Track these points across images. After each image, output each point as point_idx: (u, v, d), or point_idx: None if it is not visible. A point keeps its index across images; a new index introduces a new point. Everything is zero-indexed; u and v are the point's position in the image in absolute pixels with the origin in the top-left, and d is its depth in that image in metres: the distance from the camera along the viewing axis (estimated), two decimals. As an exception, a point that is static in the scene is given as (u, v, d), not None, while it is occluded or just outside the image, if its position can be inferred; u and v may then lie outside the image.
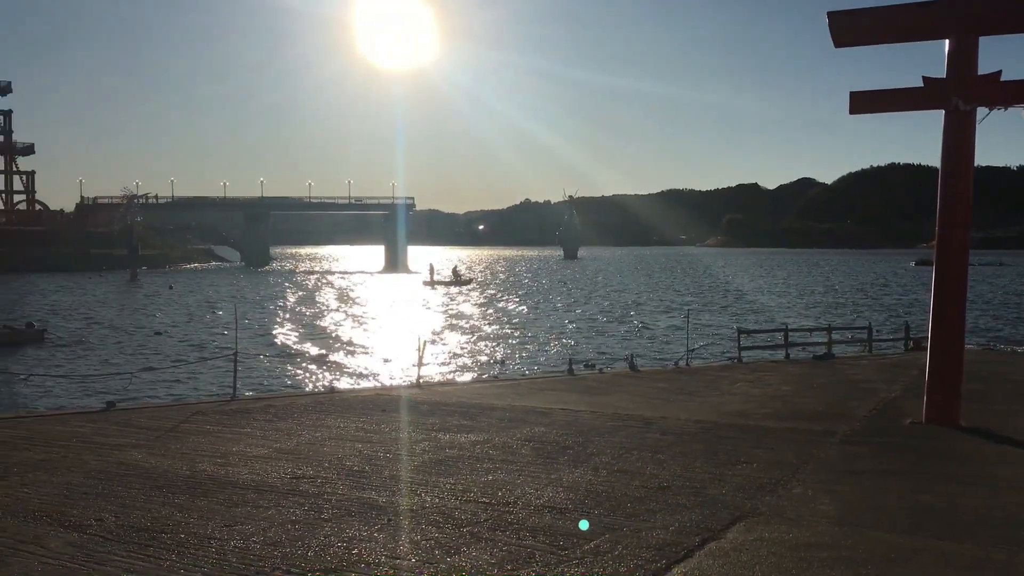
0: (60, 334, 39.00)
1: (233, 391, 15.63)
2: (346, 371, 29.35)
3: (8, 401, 22.15)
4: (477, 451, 10.32)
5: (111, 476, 8.89)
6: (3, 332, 34.31)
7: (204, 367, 27.44)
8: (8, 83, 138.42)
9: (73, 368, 29.04)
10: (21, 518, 7.37)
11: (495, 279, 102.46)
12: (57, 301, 62.02)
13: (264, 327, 43.72)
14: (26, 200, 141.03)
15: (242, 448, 10.38)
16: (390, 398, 14.73)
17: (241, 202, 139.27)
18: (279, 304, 60.14)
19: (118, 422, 12.22)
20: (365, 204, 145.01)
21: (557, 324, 46.88)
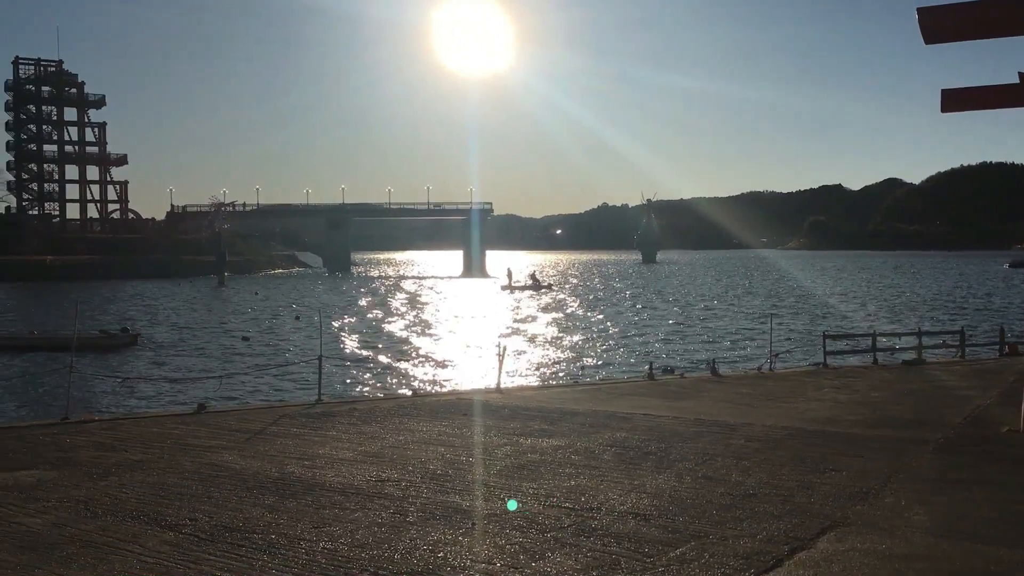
0: (152, 338, 40.28)
1: (318, 394, 15.91)
2: (427, 375, 29.64)
3: (106, 404, 22.97)
4: (559, 456, 10.31)
5: (204, 477, 9.15)
6: (99, 337, 35.61)
7: (289, 371, 28.03)
8: (102, 96, 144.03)
9: (165, 372, 29.98)
10: (120, 517, 7.64)
11: (573, 284, 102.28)
12: (149, 306, 64.14)
13: (346, 331, 44.45)
14: (120, 209, 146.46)
15: (328, 451, 10.57)
16: (471, 402, 14.82)
17: (323, 209, 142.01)
18: (361, 309, 61.10)
19: (209, 424, 12.57)
20: (444, 210, 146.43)
21: (636, 328, 46.56)
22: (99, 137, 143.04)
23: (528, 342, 39.62)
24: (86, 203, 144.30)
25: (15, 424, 13.97)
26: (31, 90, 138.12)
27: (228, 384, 26.07)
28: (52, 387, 25.31)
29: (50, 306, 65.15)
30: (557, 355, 35.34)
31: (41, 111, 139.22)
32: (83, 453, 10.36)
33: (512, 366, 28.74)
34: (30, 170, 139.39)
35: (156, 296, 76.23)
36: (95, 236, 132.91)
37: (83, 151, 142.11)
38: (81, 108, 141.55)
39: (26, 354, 34.36)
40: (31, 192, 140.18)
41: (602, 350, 37.04)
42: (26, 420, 15.30)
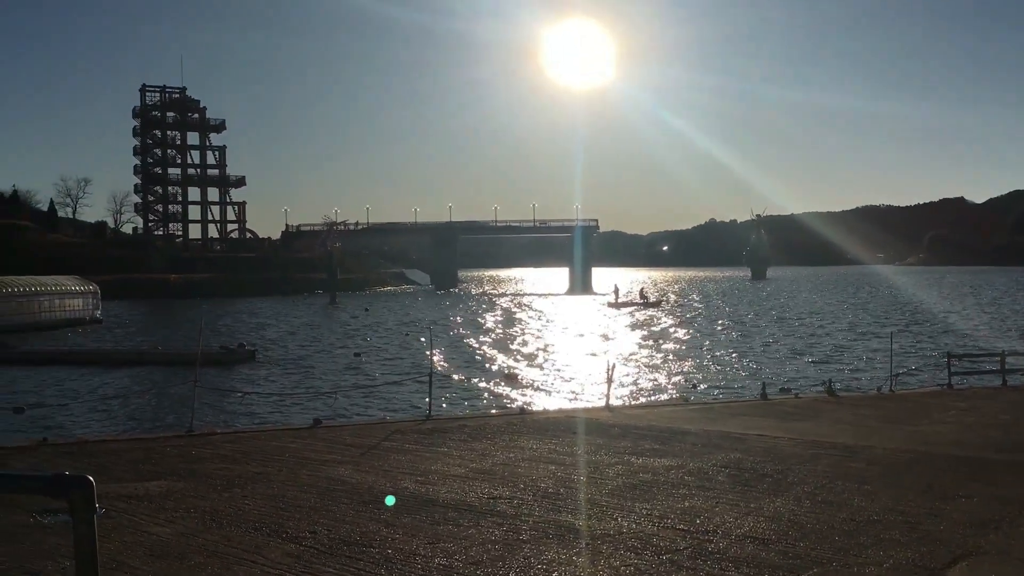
0: (268, 354, 41.59)
1: (428, 411, 16.11)
2: (535, 392, 29.68)
3: (226, 417, 23.79)
4: (672, 476, 10.15)
5: (321, 491, 9.37)
6: (219, 352, 36.97)
7: (399, 386, 28.49)
8: (222, 121, 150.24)
9: (281, 387, 30.90)
10: (244, 528, 7.89)
11: (681, 300, 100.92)
12: (265, 323, 66.32)
13: (454, 348, 44.95)
14: (238, 229, 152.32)
15: (440, 467, 10.68)
16: (580, 420, 14.75)
17: (431, 227, 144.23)
18: (468, 326, 61.71)
19: (325, 439, 12.87)
20: (549, 227, 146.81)
21: (747, 346, 45.58)
22: (219, 160, 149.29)
23: (636, 359, 39.25)
24: (207, 223, 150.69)
25: (144, 436, 14.61)
26: (157, 116, 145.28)
27: (341, 399, 26.66)
28: (177, 400, 26.40)
29: (173, 323, 68.13)
30: (666, 373, 34.89)
31: (166, 136, 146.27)
32: (208, 465, 10.74)
33: (620, 384, 28.50)
34: (155, 192, 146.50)
35: (271, 313, 78.75)
36: (215, 255, 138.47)
37: (204, 173, 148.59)
38: (203, 132, 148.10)
39: (152, 368, 35.97)
40: (156, 213, 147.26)
41: (712, 368, 36.38)
42: (154, 432, 15.99)
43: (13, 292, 58.97)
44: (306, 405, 25.71)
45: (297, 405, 25.97)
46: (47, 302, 62.13)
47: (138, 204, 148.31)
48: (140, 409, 26.74)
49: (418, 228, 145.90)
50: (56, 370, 36.27)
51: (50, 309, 62.00)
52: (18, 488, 2.53)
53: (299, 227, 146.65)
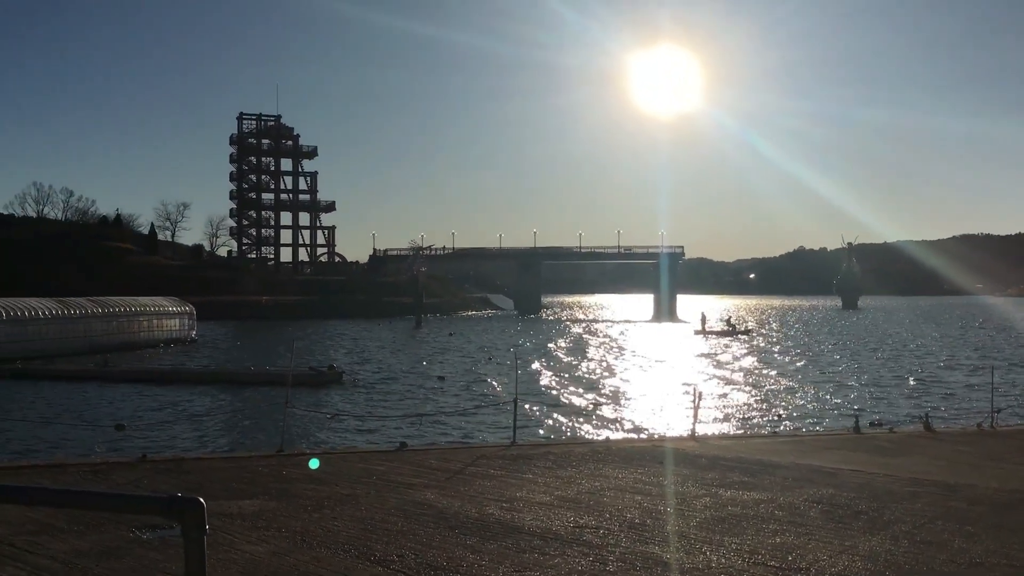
0: (355, 376, 42.25)
1: (513, 436, 16.11)
2: (620, 420, 29.42)
3: (315, 438, 24.23)
4: (761, 510, 9.94)
5: (408, 514, 9.45)
6: (308, 374, 37.72)
7: (484, 412, 28.61)
8: (314, 148, 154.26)
9: (367, 409, 31.32)
10: (333, 549, 8.01)
11: (769, 329, 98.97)
12: (352, 345, 67.46)
13: (538, 373, 44.92)
14: (327, 252, 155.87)
15: (525, 494, 10.67)
16: (666, 450, 14.56)
17: (515, 252, 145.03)
18: (551, 351, 61.66)
19: (411, 462, 12.99)
20: (633, 253, 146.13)
21: (837, 377, 44.38)
22: (311, 185, 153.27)
23: (723, 389, 38.59)
24: (297, 247, 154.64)
25: (237, 455, 14.98)
26: (253, 143, 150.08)
27: (425, 422, 26.89)
28: (268, 420, 27.03)
29: (264, 343, 69.84)
30: (754, 403, 34.21)
31: (260, 162, 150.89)
32: (298, 485, 10.95)
33: (707, 413, 28.05)
34: (249, 216, 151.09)
35: (359, 335, 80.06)
36: (304, 278, 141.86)
37: (296, 198, 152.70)
38: (296, 159, 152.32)
39: (245, 388, 36.91)
40: (250, 237, 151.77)
41: (801, 400, 35.54)
42: (246, 451, 16.38)
43: (115, 312, 61.34)
44: (391, 428, 26.01)
45: (383, 427, 26.30)
46: (146, 322, 64.44)
47: (233, 228, 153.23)
48: (233, 428, 27.45)
49: (503, 253, 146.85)
50: (154, 388, 37.54)
51: (149, 329, 64.28)
52: (134, 508, 2.64)
53: (386, 251, 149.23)
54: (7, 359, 44.57)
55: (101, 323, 59.28)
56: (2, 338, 49.87)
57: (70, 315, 56.66)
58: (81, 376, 41.64)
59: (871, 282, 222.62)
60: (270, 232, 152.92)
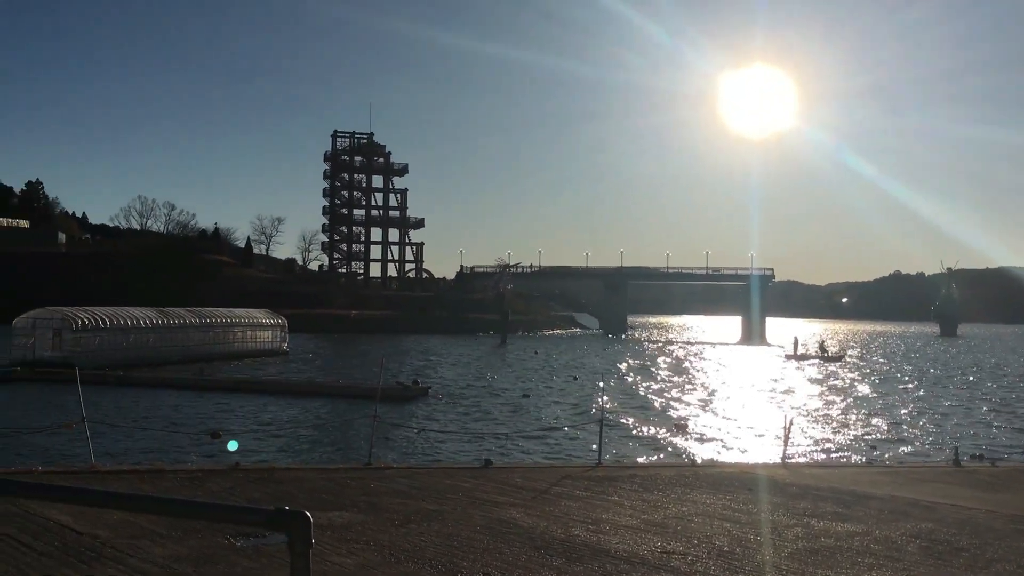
0: (440, 391, 42.61)
1: (598, 457, 16.01)
2: (707, 444, 28.94)
3: (401, 452, 24.49)
4: (856, 543, 9.63)
5: (494, 532, 9.46)
6: (395, 388, 38.20)
7: (568, 431, 28.51)
8: (405, 165, 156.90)
9: (452, 425, 31.54)
10: (421, 564, 8.06)
11: (864, 355, 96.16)
12: (438, 361, 68.08)
13: (623, 394, 44.57)
14: (415, 268, 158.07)
15: (612, 516, 10.57)
16: (755, 476, 14.27)
17: (601, 272, 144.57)
18: (637, 371, 61.10)
19: (496, 480, 13.01)
20: (722, 275, 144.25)
21: (936, 407, 42.81)
22: (401, 202, 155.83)
23: (814, 416, 37.61)
24: (386, 262, 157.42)
25: (326, 466, 15.25)
26: (346, 160, 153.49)
27: (510, 440, 26.92)
28: (355, 433, 27.47)
29: (352, 356, 71.05)
30: (847, 432, 33.23)
31: (353, 179, 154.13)
32: (385, 499, 11.07)
33: (797, 440, 27.37)
34: (341, 232, 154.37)
35: (444, 351, 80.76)
36: (392, 293, 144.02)
37: (387, 215, 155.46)
38: (387, 176, 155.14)
39: (334, 400, 37.61)
40: (340, 252, 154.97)
41: (896, 429, 34.38)
42: (334, 463, 16.67)
43: (212, 323, 63.29)
44: (476, 444, 26.13)
45: (467, 443, 26.43)
46: (241, 333, 66.29)
47: (324, 243, 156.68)
48: (322, 439, 27.96)
49: (589, 273, 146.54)
50: (247, 397, 38.55)
51: (243, 340, 66.10)
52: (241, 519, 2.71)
53: (473, 268, 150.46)
54: (111, 366, 46.36)
55: (198, 333, 61.21)
56: (107, 346, 51.96)
57: (169, 325, 58.68)
58: (178, 384, 43.03)
59: (973, 308, 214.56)
60: (360, 247, 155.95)
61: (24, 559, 7.47)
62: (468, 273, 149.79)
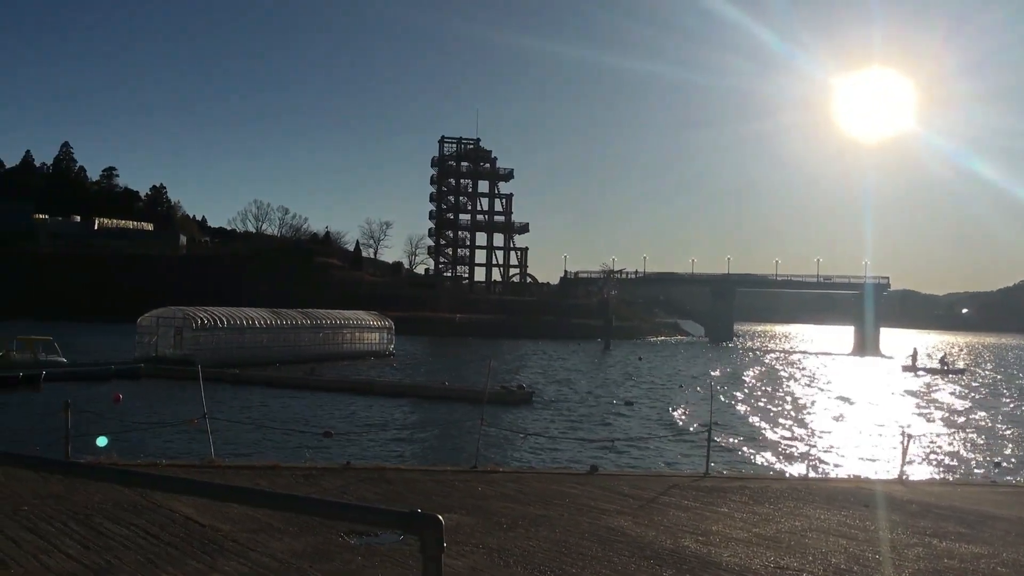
0: (544, 396, 42.66)
1: (706, 467, 15.76)
2: (819, 457, 28.09)
3: (506, 456, 24.63)
4: (982, 566, 9.20)
5: (602, 540, 9.41)
6: (500, 392, 38.44)
7: (673, 439, 28.15)
8: (511, 171, 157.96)
9: (557, 429, 31.54)
10: (529, 569, 8.07)
11: (985, 369, 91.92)
12: (542, 366, 68.21)
13: (731, 403, 43.76)
14: (520, 273, 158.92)
15: (721, 528, 10.38)
16: (871, 492, 13.81)
17: (707, 278, 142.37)
18: (745, 381, 59.89)
19: (602, 487, 12.95)
20: (834, 283, 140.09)
21: (1065, 425, 40.54)
22: (506, 207, 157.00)
23: (933, 431, 36.09)
24: (491, 267, 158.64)
25: (433, 468, 15.45)
26: (452, 165, 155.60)
27: (614, 447, 26.73)
28: (462, 436, 27.76)
29: (456, 360, 71.86)
30: (967, 449, 31.81)
31: (459, 184, 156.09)
32: (493, 503, 11.15)
33: (916, 456, 26.33)
34: (447, 236, 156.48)
35: (547, 356, 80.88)
36: (496, 297, 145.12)
37: (492, 220, 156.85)
38: (492, 181, 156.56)
39: (439, 403, 38.11)
40: (446, 256, 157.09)
41: (1022, 447, 32.72)
42: (441, 465, 16.86)
43: (322, 324, 65.02)
44: (581, 450, 26.06)
45: (572, 449, 26.39)
46: (349, 334, 67.89)
47: (431, 247, 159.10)
48: (428, 441, 28.38)
49: (695, 279, 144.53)
50: (356, 398, 39.45)
51: (351, 341, 67.68)
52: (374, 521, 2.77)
53: (577, 274, 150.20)
54: (226, 364, 48.12)
55: (309, 334, 62.98)
56: (223, 344, 53.99)
57: (281, 325, 60.58)
58: (290, 383, 44.35)
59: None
60: (466, 252, 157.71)
61: (153, 549, 7.81)
62: (572, 278, 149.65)
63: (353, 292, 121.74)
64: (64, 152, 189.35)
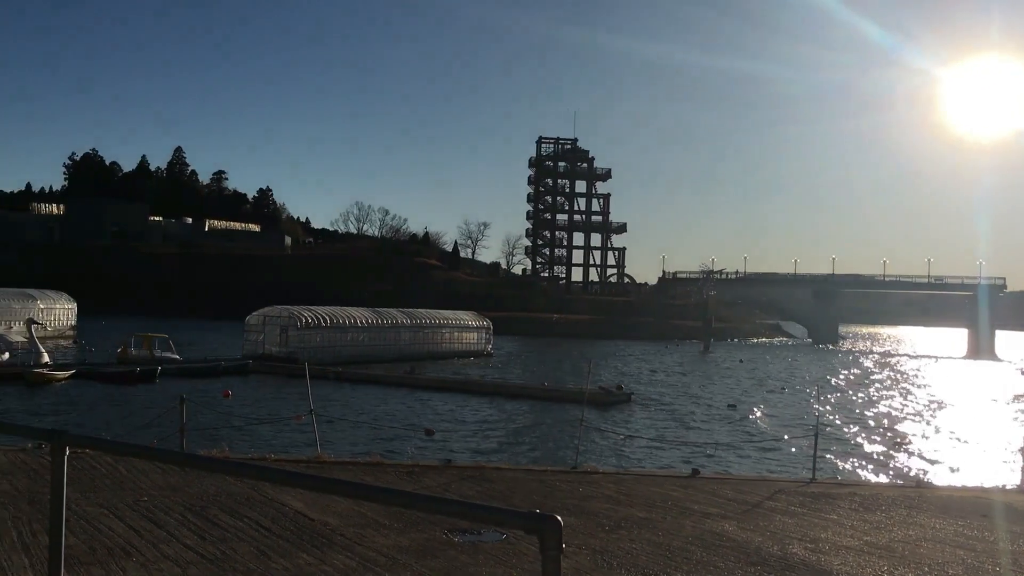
0: (643, 398, 42.28)
1: (812, 473, 15.36)
2: (931, 464, 27.07)
3: (605, 457, 24.48)
4: (1115, 583, 8.70)
5: (706, 544, 9.26)
6: (598, 393, 38.27)
7: (778, 443, 27.54)
8: (608, 170, 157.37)
9: (656, 431, 31.22)
10: (633, 572, 8.01)
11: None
12: (640, 367, 67.65)
13: (837, 407, 42.55)
14: (617, 273, 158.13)
15: (831, 536, 10.11)
16: (990, 501, 13.23)
17: (810, 279, 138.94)
18: (851, 384, 58.14)
19: (705, 490, 12.75)
20: (945, 284, 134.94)
21: None
22: (603, 207, 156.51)
23: (1054, 439, 34.36)
24: (588, 267, 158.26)
25: (533, 467, 15.49)
26: (550, 166, 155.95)
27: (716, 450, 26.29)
28: (561, 436, 27.77)
29: (554, 360, 71.88)
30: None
31: (556, 184, 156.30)
32: (594, 504, 11.10)
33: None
34: (544, 237, 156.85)
35: (646, 357, 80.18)
36: (593, 298, 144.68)
37: (589, 220, 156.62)
38: (590, 181, 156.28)
39: (538, 403, 38.18)
40: (543, 256, 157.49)
41: None
42: (541, 465, 16.91)
43: (422, 324, 65.97)
44: (681, 452, 25.74)
45: (672, 452, 26.08)
46: (448, 334, 68.67)
47: (528, 247, 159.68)
48: (527, 441, 28.45)
49: (797, 280, 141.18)
50: (455, 397, 39.86)
51: (450, 341, 68.43)
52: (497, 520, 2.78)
53: (675, 274, 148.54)
54: (330, 362, 49.29)
55: (408, 333, 63.99)
56: (326, 343, 55.33)
57: (382, 325, 61.71)
58: (391, 382, 45.12)
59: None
60: (563, 252, 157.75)
61: (265, 541, 8.05)
62: (670, 279, 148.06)
63: (451, 292, 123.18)
64: (177, 156, 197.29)
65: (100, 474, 10.59)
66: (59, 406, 32.47)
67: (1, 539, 7.52)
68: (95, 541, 7.65)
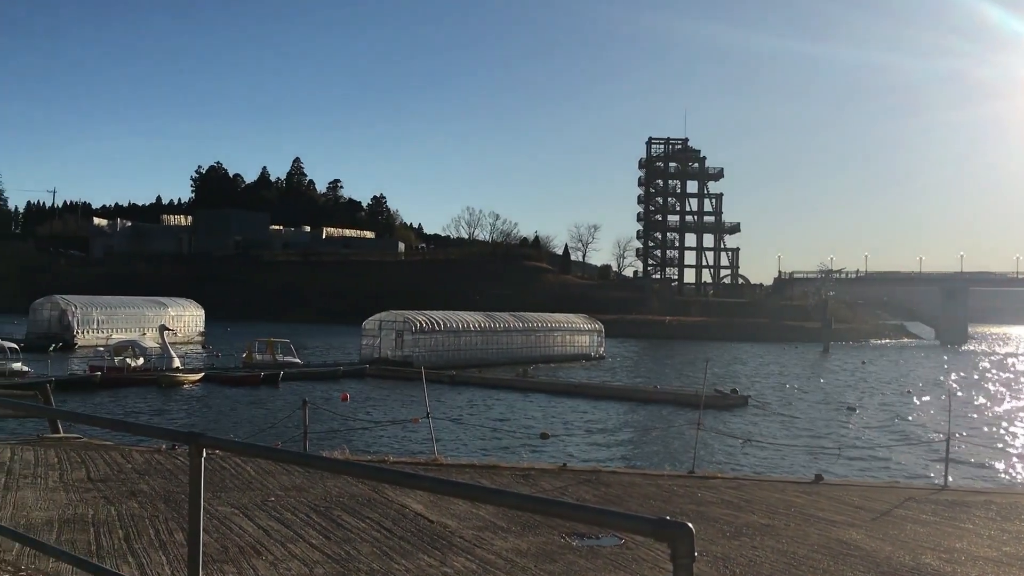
0: (760, 401, 41.32)
1: (944, 479, 14.72)
2: (1074, 472, 25.57)
3: (724, 461, 24.02)
4: None
5: (833, 553, 8.96)
6: (714, 396, 37.61)
7: (904, 448, 26.49)
8: (720, 170, 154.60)
9: (774, 436, 30.44)
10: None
11: None
12: (757, 369, 66.16)
13: (969, 411, 40.59)
14: (731, 274, 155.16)
15: (966, 546, 9.65)
16: None
17: (936, 277, 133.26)
18: (983, 387, 55.40)
19: (829, 497, 12.37)
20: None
21: None
22: (716, 207, 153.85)
23: None
24: (701, 268, 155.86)
25: (650, 472, 15.31)
26: (660, 166, 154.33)
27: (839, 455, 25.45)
28: (676, 439, 27.39)
29: (667, 363, 71.01)
30: None
31: (667, 185, 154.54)
32: (714, 509, 10.90)
33: None
34: (655, 238, 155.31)
35: (762, 359, 78.34)
36: (707, 299, 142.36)
37: (701, 220, 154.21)
38: (701, 181, 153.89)
39: (652, 406, 37.79)
40: (655, 258, 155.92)
41: None
42: (657, 469, 16.71)
43: (533, 327, 66.21)
44: (801, 457, 25.02)
45: (792, 457, 25.38)
46: (560, 337, 68.68)
47: (639, 249, 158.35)
48: (642, 444, 28.19)
49: (922, 278, 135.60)
50: (568, 400, 39.83)
51: (562, 344, 68.42)
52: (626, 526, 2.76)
53: (792, 274, 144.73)
54: (444, 366, 49.99)
55: (520, 337, 64.31)
56: (440, 347, 56.16)
57: (495, 329, 62.22)
58: (504, 385, 45.43)
59: None
60: (675, 254, 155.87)
61: (387, 542, 8.20)
62: (786, 279, 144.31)
63: (562, 295, 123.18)
64: (295, 167, 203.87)
65: (229, 475, 11.00)
66: (191, 408, 33.98)
67: (140, 537, 7.89)
68: (227, 540, 7.94)
